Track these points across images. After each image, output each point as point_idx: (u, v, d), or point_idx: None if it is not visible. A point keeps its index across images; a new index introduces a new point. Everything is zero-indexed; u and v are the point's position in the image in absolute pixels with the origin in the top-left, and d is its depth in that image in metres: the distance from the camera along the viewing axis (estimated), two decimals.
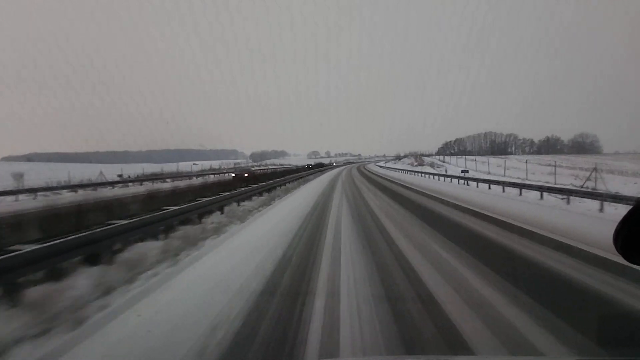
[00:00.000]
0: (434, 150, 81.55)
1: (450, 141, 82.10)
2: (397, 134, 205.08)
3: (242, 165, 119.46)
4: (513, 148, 72.18)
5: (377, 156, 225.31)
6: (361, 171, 45.19)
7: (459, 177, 23.99)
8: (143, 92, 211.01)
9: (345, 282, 4.09)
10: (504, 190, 15.87)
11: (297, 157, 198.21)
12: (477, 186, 18.89)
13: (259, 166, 78.13)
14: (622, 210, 5.39)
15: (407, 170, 43.26)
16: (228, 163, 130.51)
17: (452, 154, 72.68)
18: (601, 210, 9.73)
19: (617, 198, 9.97)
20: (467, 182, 21.29)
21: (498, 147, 71.05)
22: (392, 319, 3.05)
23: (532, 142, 70.14)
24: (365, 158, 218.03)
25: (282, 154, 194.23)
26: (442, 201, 12.20)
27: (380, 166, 60.31)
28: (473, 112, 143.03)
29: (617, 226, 0.84)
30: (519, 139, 71.15)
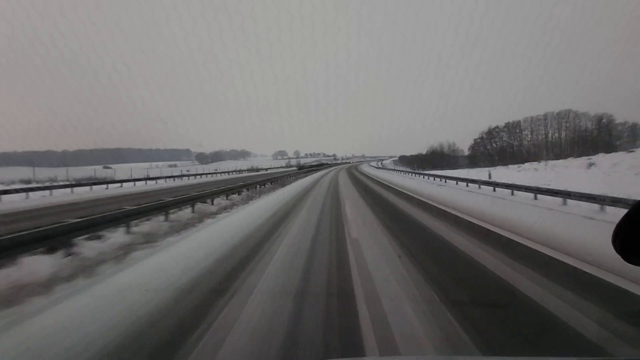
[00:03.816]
0: (466, 144, 52.65)
1: (495, 127, 51.38)
2: (388, 133, 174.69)
3: (182, 168, 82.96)
4: (611, 137, 42.87)
5: (356, 156, 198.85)
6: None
7: None
8: (78, 79, 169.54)
9: None
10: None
11: (264, 158, 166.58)
12: None
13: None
14: None
15: None
16: (163, 165, 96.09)
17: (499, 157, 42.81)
18: None
19: None
20: None
21: (581, 136, 42.45)
22: None
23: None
24: (343, 159, 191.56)
25: (244, 154, 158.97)
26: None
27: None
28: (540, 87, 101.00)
29: (616, 227, 0.85)
30: (622, 124, 42.42)
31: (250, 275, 4.18)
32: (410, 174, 34.97)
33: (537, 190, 12.13)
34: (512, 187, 13.78)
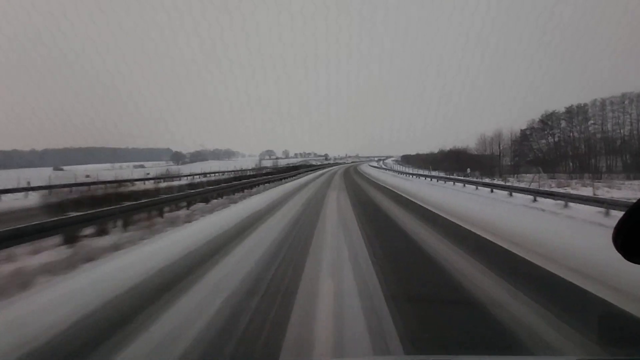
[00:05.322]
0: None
1: (552, 112, 39.26)
2: (384, 134, 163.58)
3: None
4: None
5: (350, 156, 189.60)
6: None
7: None
8: (52, 72, 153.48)
9: None
10: None
11: (251, 158, 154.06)
12: None
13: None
14: None
15: None
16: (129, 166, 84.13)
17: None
18: None
19: None
20: None
21: None
22: None
23: None
24: (335, 159, 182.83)
25: (229, 153, 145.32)
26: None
27: None
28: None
29: (617, 225, 0.82)
30: None
31: None
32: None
33: None
34: None
